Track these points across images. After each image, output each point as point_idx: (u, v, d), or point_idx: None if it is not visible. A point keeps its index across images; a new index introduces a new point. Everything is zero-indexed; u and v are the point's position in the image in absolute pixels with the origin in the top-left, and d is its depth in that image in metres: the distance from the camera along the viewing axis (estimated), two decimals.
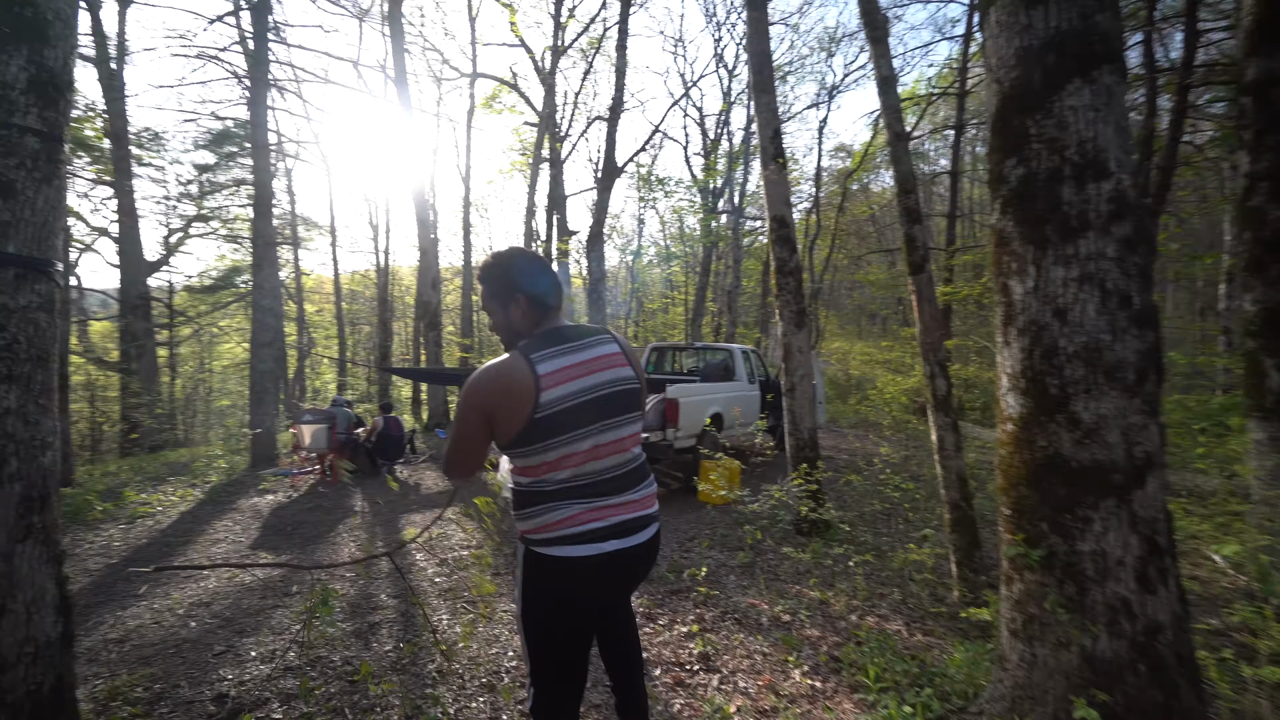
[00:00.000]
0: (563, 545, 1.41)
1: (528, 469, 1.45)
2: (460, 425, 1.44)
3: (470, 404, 1.41)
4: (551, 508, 1.42)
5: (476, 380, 1.41)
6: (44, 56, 2.07)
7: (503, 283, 1.51)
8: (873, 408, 9.98)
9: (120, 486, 6.72)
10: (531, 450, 1.41)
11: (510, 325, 1.53)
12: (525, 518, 1.46)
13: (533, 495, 1.44)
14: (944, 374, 3.38)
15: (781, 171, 4.96)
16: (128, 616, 3.30)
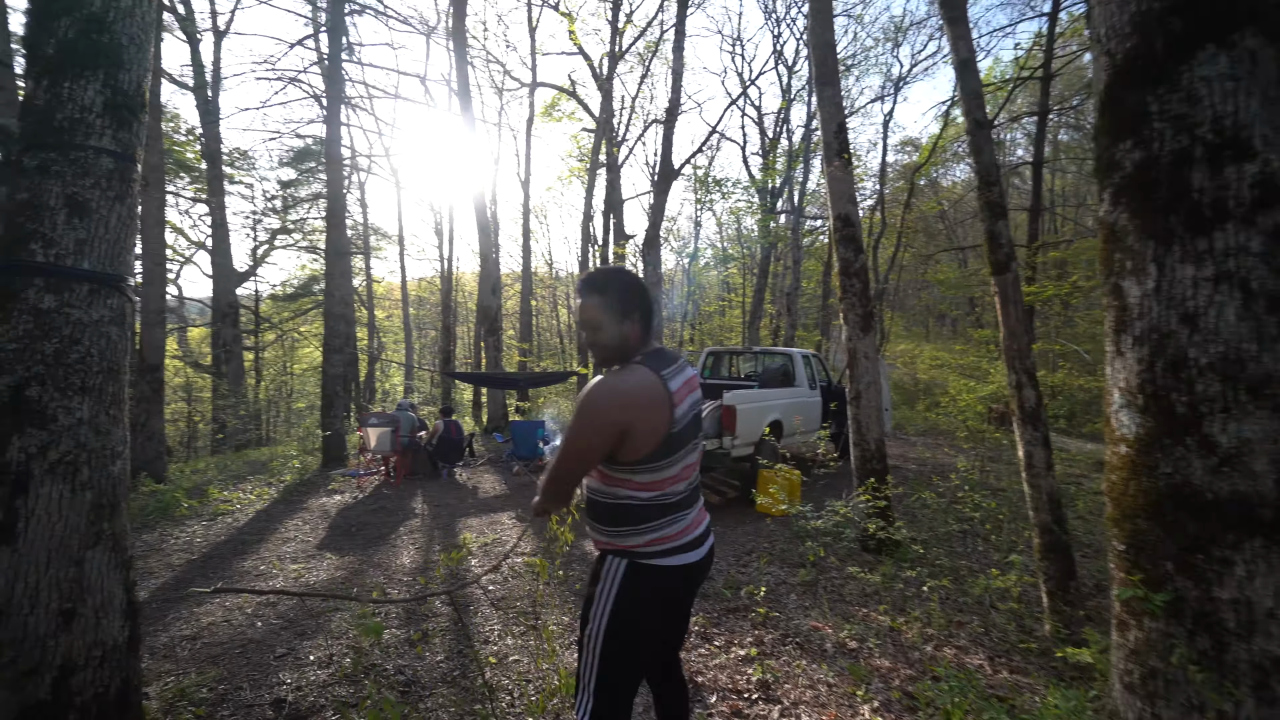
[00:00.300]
0: (669, 556, 1.48)
1: (650, 484, 1.46)
2: (585, 437, 1.39)
3: (606, 416, 1.38)
4: (670, 521, 1.49)
5: (614, 392, 1.40)
6: (119, 80, 2.15)
7: (624, 298, 1.50)
8: (944, 415, 9.39)
9: (206, 484, 7.17)
10: (658, 466, 1.44)
11: (624, 341, 1.50)
12: (637, 532, 1.47)
13: (652, 510, 1.47)
14: (1032, 383, 3.06)
15: (846, 168, 4.70)
16: (201, 614, 3.45)
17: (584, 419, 1.39)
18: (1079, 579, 3.01)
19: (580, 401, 1.41)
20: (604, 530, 1.51)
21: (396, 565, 4.41)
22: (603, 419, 1.38)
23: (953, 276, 20.26)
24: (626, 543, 1.47)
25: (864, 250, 4.77)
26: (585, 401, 1.40)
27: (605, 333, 1.49)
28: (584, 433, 1.39)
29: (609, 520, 1.49)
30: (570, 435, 1.41)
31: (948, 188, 27.84)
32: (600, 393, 1.40)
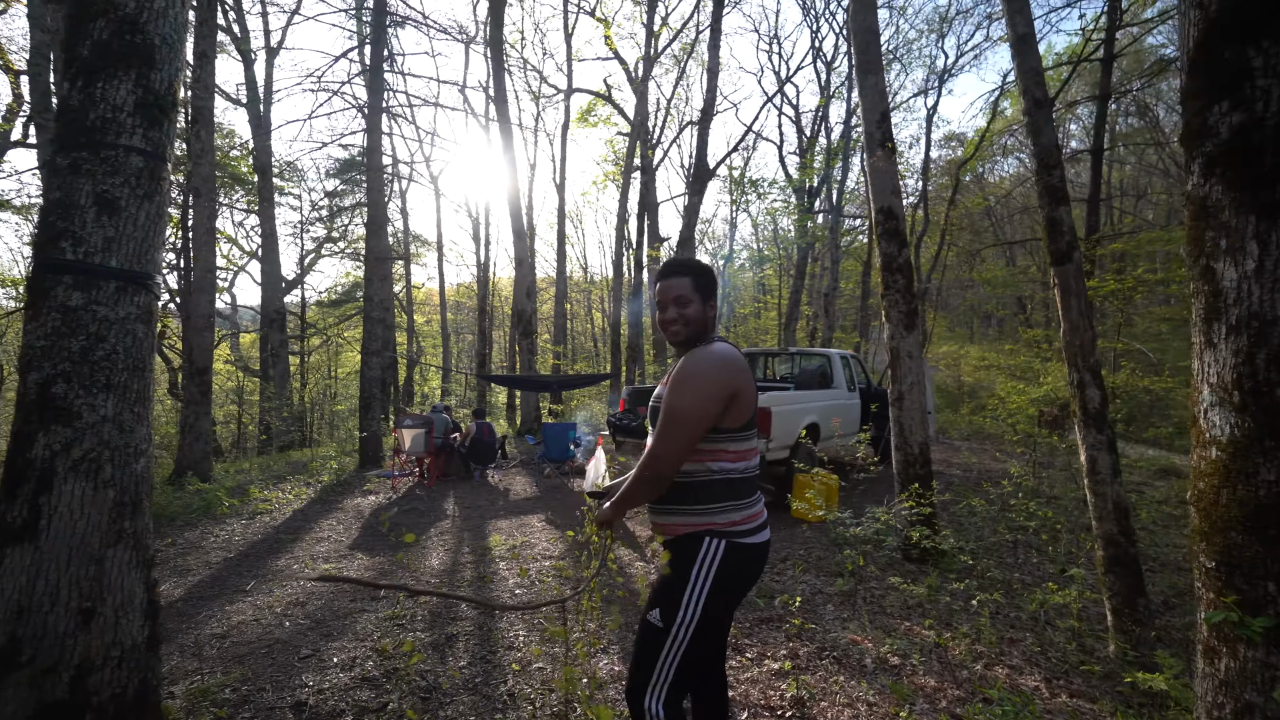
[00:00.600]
0: (759, 533, 1.52)
1: (742, 454, 1.52)
2: (701, 404, 1.43)
3: (720, 382, 1.44)
4: (757, 496, 1.56)
5: (722, 360, 1.47)
6: (150, 80, 2.16)
7: (712, 284, 1.62)
8: (992, 419, 8.95)
9: (248, 484, 7.36)
10: (750, 434, 1.53)
11: (705, 321, 1.60)
12: (734, 508, 1.50)
13: (743, 483, 1.52)
14: (1097, 382, 2.81)
15: (889, 158, 4.49)
16: (233, 611, 3.49)
17: (698, 386, 1.44)
18: (1149, 597, 2.74)
19: (687, 373, 1.46)
20: (695, 510, 1.49)
21: (425, 567, 4.40)
22: (716, 386, 1.44)
23: (1000, 274, 19.46)
24: (722, 519, 1.48)
25: (907, 244, 4.54)
26: (695, 371, 1.45)
27: (692, 309, 1.56)
28: (700, 400, 1.42)
29: (703, 498, 1.49)
30: (683, 405, 1.42)
31: (994, 183, 26.83)
32: (709, 361, 1.47)
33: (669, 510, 1.53)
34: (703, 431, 1.44)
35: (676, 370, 1.48)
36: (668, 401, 1.44)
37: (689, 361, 1.48)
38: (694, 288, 1.57)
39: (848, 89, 20.00)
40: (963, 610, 3.33)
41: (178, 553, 4.71)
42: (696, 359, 1.48)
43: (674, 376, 1.48)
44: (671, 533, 1.53)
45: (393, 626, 3.24)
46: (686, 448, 1.43)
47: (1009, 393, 6.66)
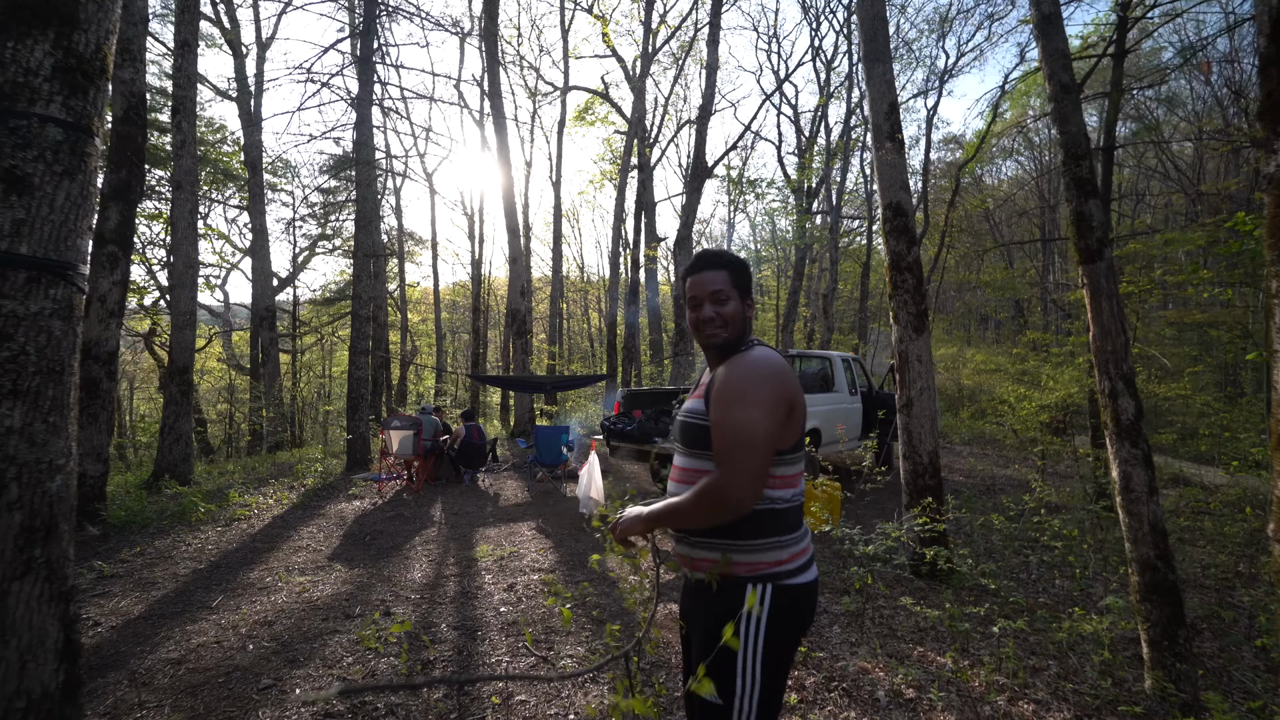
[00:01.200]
0: (808, 570, 1.30)
1: (790, 479, 1.30)
2: (766, 420, 1.19)
3: (778, 394, 1.22)
4: (804, 528, 1.34)
5: (774, 368, 1.26)
6: (73, 40, 1.89)
7: (749, 279, 1.43)
8: (994, 424, 8.74)
9: (229, 487, 7.09)
10: (799, 457, 1.32)
11: (744, 321, 1.39)
12: (783, 545, 1.26)
13: (793, 513, 1.29)
14: (1131, 391, 2.58)
15: (898, 152, 4.26)
16: (194, 632, 3.23)
17: (759, 399, 1.20)
18: (1188, 626, 2.51)
19: (740, 384, 1.23)
20: (737, 547, 1.25)
21: (406, 580, 4.14)
22: (770, 394, 1.21)
23: (999, 277, 19.29)
24: (768, 559, 1.25)
25: (917, 242, 4.31)
26: (750, 381, 1.23)
27: (732, 307, 1.36)
28: (765, 415, 1.18)
29: (745, 533, 1.24)
30: (750, 422, 1.17)
31: (992, 186, 26.68)
32: (762, 370, 1.24)
33: (704, 543, 1.28)
34: (776, 440, 1.21)
35: (722, 382, 1.25)
36: (725, 419, 1.20)
37: (736, 371, 1.25)
38: (731, 282, 1.36)
39: (847, 88, 19.81)
40: (981, 635, 3.09)
41: (145, 563, 4.44)
42: (746, 367, 1.25)
43: (720, 390, 1.24)
44: (701, 569, 1.29)
45: (365, 652, 2.99)
46: (762, 474, 1.18)
47: (1017, 399, 6.43)
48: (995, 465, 8.95)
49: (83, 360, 5.08)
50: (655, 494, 6.76)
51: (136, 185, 5.30)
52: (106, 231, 5.19)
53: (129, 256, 5.38)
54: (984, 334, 28.70)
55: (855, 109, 19.53)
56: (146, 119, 5.35)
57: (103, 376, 5.33)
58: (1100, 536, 3.54)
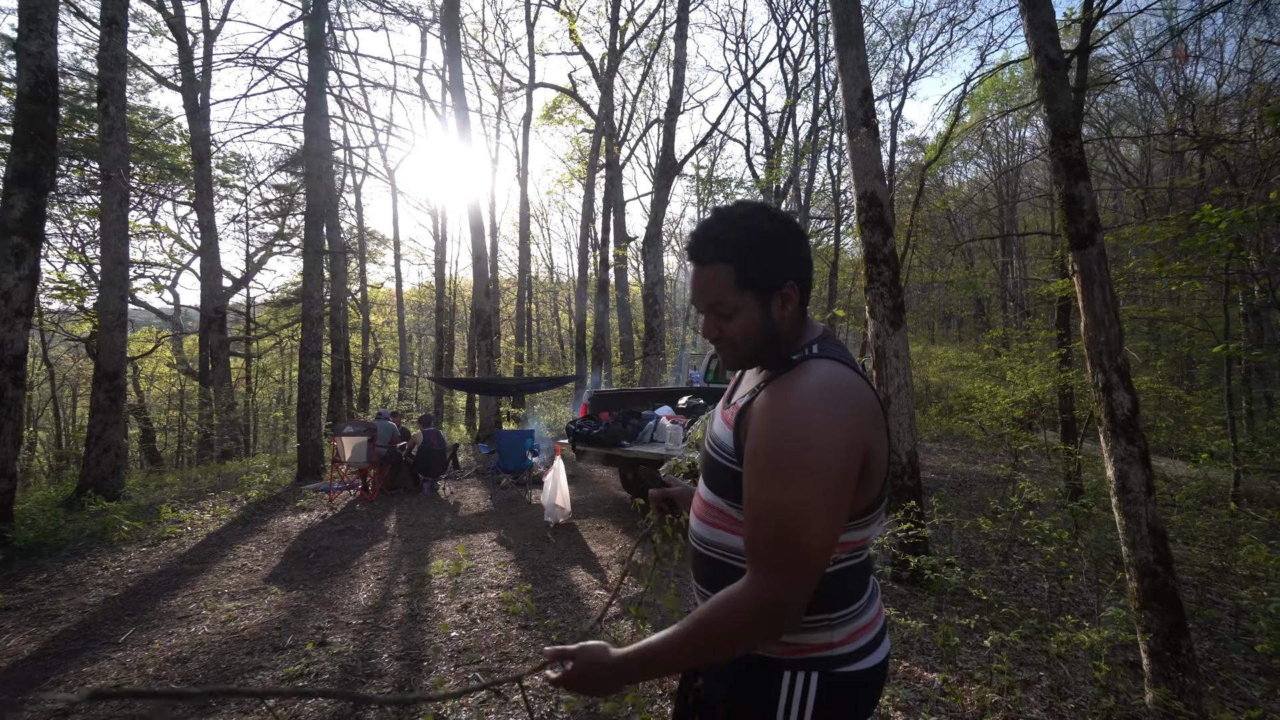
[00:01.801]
0: (875, 651, 0.93)
1: (859, 542, 0.92)
2: (826, 494, 0.79)
3: (847, 442, 0.81)
4: (873, 592, 0.97)
5: (838, 398, 0.83)
6: None
7: (775, 265, 0.91)
8: (966, 421, 8.74)
9: (164, 501, 6.54)
10: (875, 516, 0.92)
11: (769, 328, 0.93)
12: (838, 622, 0.90)
13: (855, 576, 0.93)
14: (1126, 385, 2.41)
15: (873, 139, 4.08)
16: (91, 675, 2.82)
17: (815, 455, 0.79)
18: (1190, 636, 2.35)
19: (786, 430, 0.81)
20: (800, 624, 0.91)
21: (350, 603, 3.77)
22: (845, 447, 0.80)
23: (963, 276, 19.62)
24: (818, 640, 0.90)
25: (893, 233, 4.14)
26: (802, 424, 0.81)
27: (744, 321, 0.92)
28: (827, 482, 0.79)
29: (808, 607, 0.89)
30: (802, 500, 0.79)
31: (954, 188, 27.24)
32: (821, 403, 0.82)
33: None
34: (842, 513, 0.82)
35: (761, 430, 0.84)
36: (761, 499, 0.81)
37: (781, 414, 0.83)
38: (738, 283, 0.90)
39: (814, 89, 19.93)
40: (969, 648, 2.90)
41: (49, 592, 3.96)
42: (796, 408, 0.82)
43: (758, 443, 0.84)
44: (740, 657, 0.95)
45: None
46: (814, 578, 0.80)
47: (989, 395, 6.37)
48: (966, 462, 8.94)
49: None
50: (624, 501, 6.48)
51: (47, 171, 4.78)
52: (10, 221, 4.66)
53: (39, 249, 4.85)
54: (948, 332, 29.35)
55: (823, 109, 19.66)
56: (58, 97, 4.84)
57: (8, 383, 4.80)
58: (1088, 537, 3.41)
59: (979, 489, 6.76)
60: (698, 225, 0.93)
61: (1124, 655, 2.77)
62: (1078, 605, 3.20)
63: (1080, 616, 2.84)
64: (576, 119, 20.97)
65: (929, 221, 22.15)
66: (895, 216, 20.05)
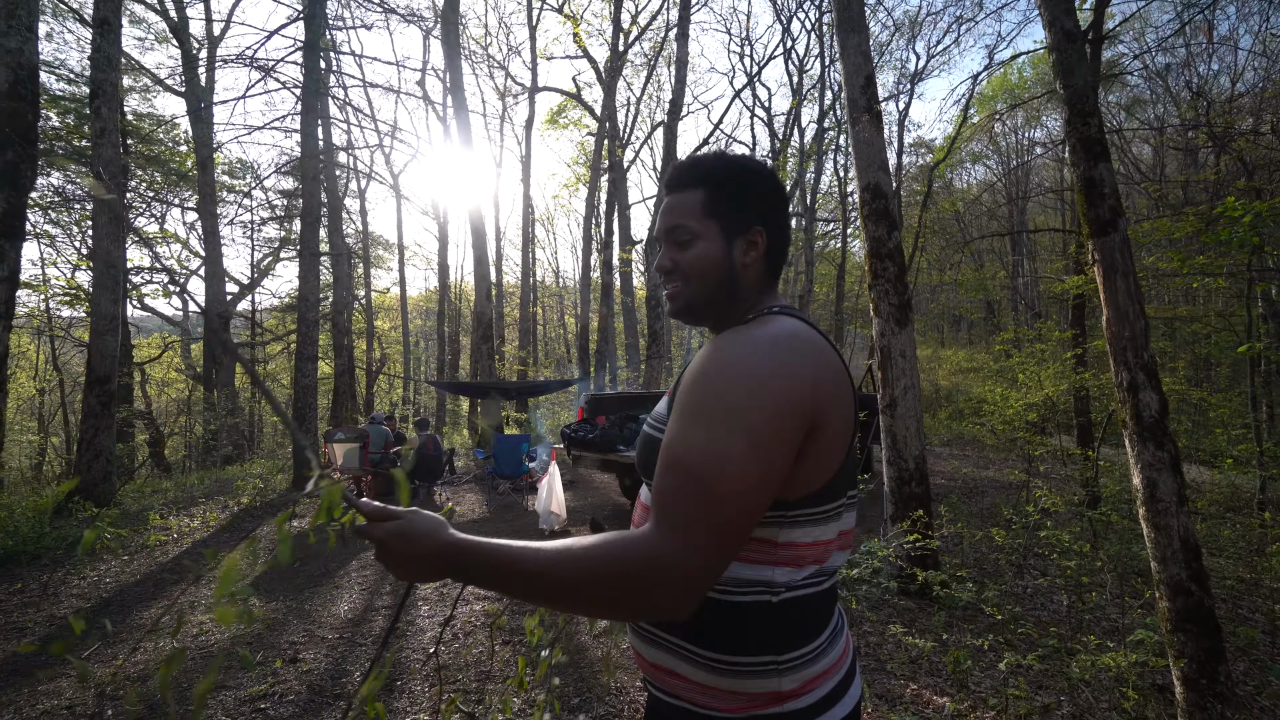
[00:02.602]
0: (846, 693, 0.75)
1: (812, 548, 0.72)
2: (747, 443, 0.63)
3: (783, 395, 0.66)
4: (837, 627, 0.78)
5: (784, 347, 0.69)
6: None
7: (740, 197, 0.81)
8: (976, 424, 8.48)
9: (154, 508, 6.43)
10: (835, 509, 0.74)
11: (734, 275, 0.81)
12: (797, 663, 0.71)
13: (814, 606, 0.74)
14: (1153, 384, 2.20)
15: (876, 127, 3.89)
16: (46, 693, 2.66)
17: (743, 398, 0.65)
18: (1228, 662, 2.13)
19: (716, 369, 0.68)
20: (724, 668, 0.70)
21: (329, 615, 3.61)
22: (781, 400, 0.65)
23: (971, 277, 19.36)
24: (765, 689, 0.70)
25: (898, 226, 3.94)
26: (734, 365, 0.67)
27: (701, 250, 0.80)
28: (750, 431, 0.63)
29: (727, 643, 0.70)
30: (712, 448, 0.63)
31: (962, 190, 26.96)
32: (762, 348, 0.68)
33: (663, 641, 0.75)
34: (763, 504, 0.65)
35: (688, 372, 0.72)
36: (675, 439, 0.67)
37: (715, 355, 0.70)
38: (705, 209, 0.79)
39: (819, 90, 19.75)
40: (982, 668, 2.69)
41: (21, 603, 3.82)
42: (732, 350, 0.69)
43: (683, 385, 0.71)
44: (662, 683, 0.76)
45: (253, 713, 2.46)
46: (725, 548, 0.63)
47: (1001, 399, 6.14)
48: (977, 467, 8.68)
49: None
50: (623, 508, 6.30)
51: (27, 169, 4.68)
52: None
53: (19, 250, 4.75)
54: (957, 335, 29.06)
55: (828, 110, 19.48)
56: (38, 94, 4.74)
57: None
58: (1111, 549, 3.18)
59: (991, 495, 6.51)
60: (676, 164, 0.84)
61: (1152, 678, 2.55)
62: (1099, 623, 2.98)
63: (1103, 636, 2.62)
64: (581, 123, 20.91)
65: (937, 223, 21.92)
66: (903, 219, 19.83)
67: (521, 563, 0.64)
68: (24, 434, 17.62)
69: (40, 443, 17.74)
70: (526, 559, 0.64)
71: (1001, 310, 24.18)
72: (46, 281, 14.63)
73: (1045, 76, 19.60)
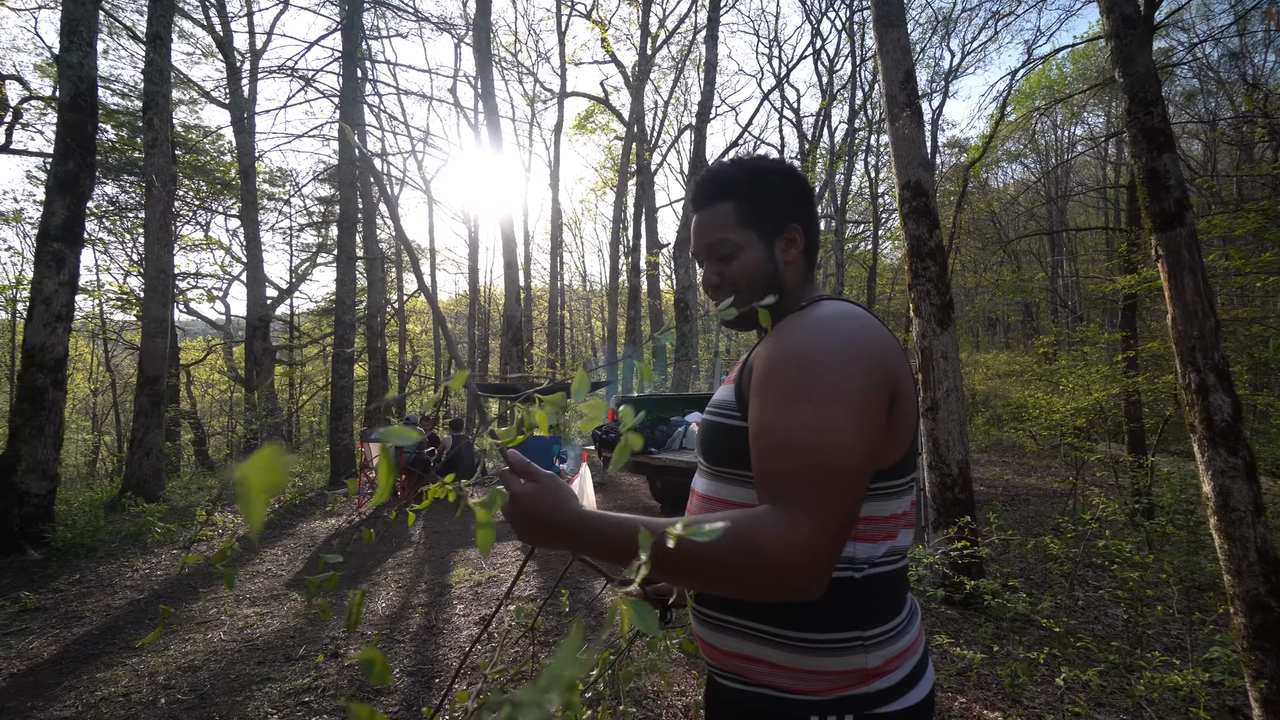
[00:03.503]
0: (919, 683, 0.74)
1: (887, 523, 0.73)
2: (852, 417, 0.64)
3: (872, 367, 0.67)
4: (911, 616, 0.77)
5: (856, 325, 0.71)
6: None
7: (770, 200, 0.82)
8: (1022, 431, 8.20)
9: (199, 504, 6.64)
10: (905, 483, 0.75)
11: (780, 275, 0.83)
12: (878, 641, 0.71)
13: (893, 581, 0.74)
14: (1225, 386, 2.09)
15: (916, 123, 3.80)
16: (106, 680, 2.75)
17: (838, 373, 0.65)
18: None
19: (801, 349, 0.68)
20: (799, 645, 0.70)
21: (367, 612, 3.66)
22: (872, 372, 0.67)
23: (1009, 279, 18.82)
24: (852, 666, 0.69)
25: (939, 225, 3.84)
26: (818, 344, 0.68)
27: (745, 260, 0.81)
28: (852, 404, 0.64)
29: (822, 620, 0.70)
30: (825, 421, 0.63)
31: (998, 190, 26.27)
32: (837, 326, 0.70)
33: (734, 626, 0.74)
34: (868, 473, 0.66)
35: (768, 357, 0.71)
36: (777, 423, 0.65)
37: (791, 338, 0.70)
38: (739, 219, 0.81)
39: (850, 90, 19.45)
40: (1034, 682, 2.58)
41: (79, 594, 3.97)
42: (809, 331, 0.70)
43: (767, 370, 0.70)
44: (729, 668, 0.75)
45: (296, 706, 2.51)
46: (849, 524, 0.63)
47: (1044, 403, 5.92)
48: (1018, 474, 8.41)
49: (25, 368, 4.67)
50: (654, 510, 6.27)
51: (86, 178, 4.89)
52: (52, 228, 4.77)
53: (78, 255, 4.97)
54: (993, 339, 28.32)
55: (859, 111, 19.19)
56: (96, 106, 4.96)
57: (49, 386, 4.90)
58: (1176, 560, 3.02)
59: (1034, 503, 6.28)
60: (701, 175, 0.85)
61: (1226, 698, 2.41)
62: (1161, 639, 2.83)
63: (1167, 653, 2.49)
64: (609, 128, 21.06)
65: (972, 224, 21.38)
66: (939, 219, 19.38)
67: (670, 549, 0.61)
68: (79, 432, 18.42)
69: (94, 441, 18.55)
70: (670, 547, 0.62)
71: (1040, 313, 23.47)
72: (100, 287, 15.33)
73: (1087, 72, 19.05)
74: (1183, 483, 4.34)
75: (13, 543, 4.63)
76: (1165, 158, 2.20)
